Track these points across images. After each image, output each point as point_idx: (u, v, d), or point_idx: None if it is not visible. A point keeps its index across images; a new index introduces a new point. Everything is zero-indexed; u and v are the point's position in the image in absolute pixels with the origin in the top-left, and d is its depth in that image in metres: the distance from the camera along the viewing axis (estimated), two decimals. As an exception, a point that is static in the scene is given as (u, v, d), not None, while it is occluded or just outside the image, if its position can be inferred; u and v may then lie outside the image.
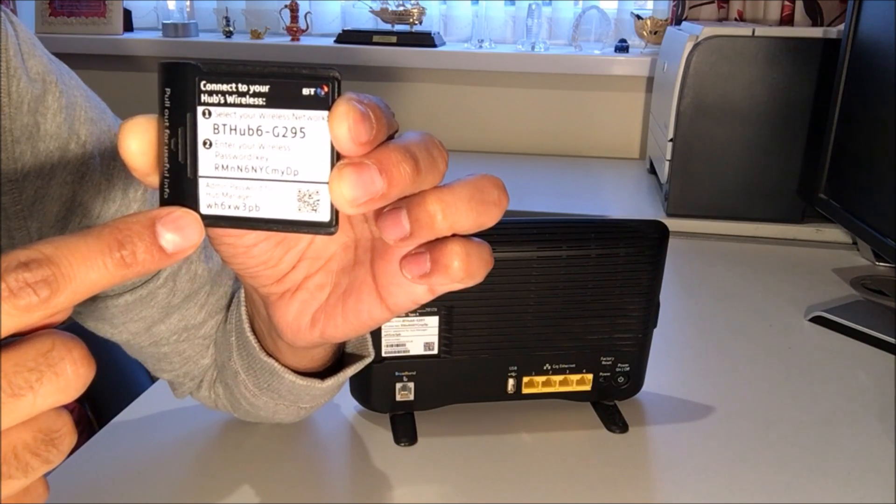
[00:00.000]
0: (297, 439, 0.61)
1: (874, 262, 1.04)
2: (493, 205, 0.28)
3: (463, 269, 0.28)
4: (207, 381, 0.57)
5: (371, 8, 1.64)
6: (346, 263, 0.34)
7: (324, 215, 0.27)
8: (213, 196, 0.27)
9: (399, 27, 1.60)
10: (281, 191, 0.27)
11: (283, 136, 0.26)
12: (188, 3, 1.75)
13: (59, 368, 0.22)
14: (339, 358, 0.51)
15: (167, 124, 0.26)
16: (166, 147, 0.26)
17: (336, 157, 0.26)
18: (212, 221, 0.27)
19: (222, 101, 0.26)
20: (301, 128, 0.26)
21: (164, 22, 1.69)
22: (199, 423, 0.62)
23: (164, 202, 0.26)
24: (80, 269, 0.23)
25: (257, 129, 0.26)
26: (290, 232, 0.27)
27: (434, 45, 1.57)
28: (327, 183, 0.26)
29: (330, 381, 0.49)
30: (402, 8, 1.60)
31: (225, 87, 0.26)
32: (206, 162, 0.26)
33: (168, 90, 0.26)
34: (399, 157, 0.26)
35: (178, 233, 0.25)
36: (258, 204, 0.27)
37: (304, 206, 0.27)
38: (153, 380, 0.69)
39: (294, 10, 1.65)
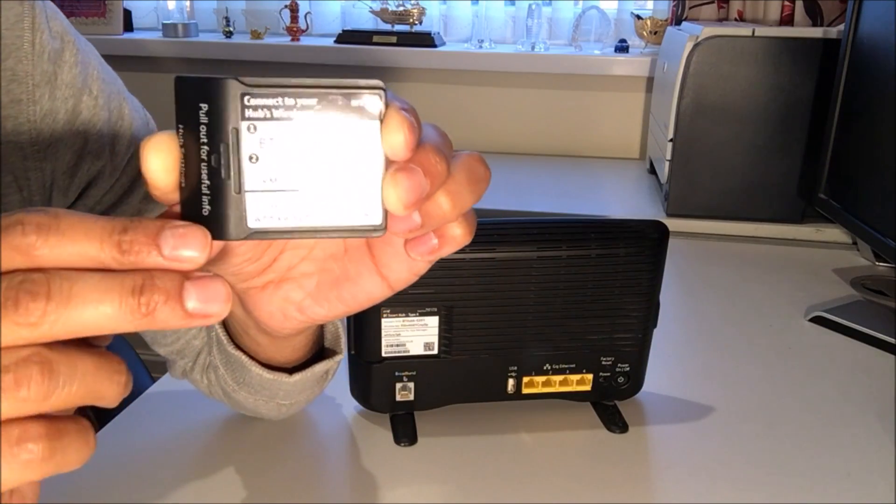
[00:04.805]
0: (297, 439, 0.61)
1: (874, 262, 1.04)
2: (483, 181, 0.30)
3: (464, 233, 0.30)
4: (200, 364, 0.58)
5: (371, 8, 1.64)
6: (334, 250, 0.35)
7: (375, 218, 0.28)
8: (262, 209, 0.27)
9: (399, 27, 1.60)
10: (332, 199, 0.27)
11: (333, 146, 0.27)
12: (188, 3, 1.75)
13: None
14: (319, 352, 0.52)
15: (204, 141, 0.26)
16: (205, 164, 0.26)
17: (385, 162, 0.27)
18: (261, 235, 0.27)
19: (268, 116, 0.26)
20: (350, 138, 0.27)
21: (164, 22, 1.69)
22: (198, 422, 0.62)
23: (202, 219, 0.26)
24: (75, 233, 0.23)
25: (306, 142, 0.26)
26: (341, 237, 0.28)
27: (434, 45, 1.57)
28: (379, 188, 0.27)
29: (298, 377, 0.49)
30: (402, 8, 1.60)
31: (271, 102, 0.26)
32: (253, 176, 0.26)
33: (204, 106, 0.25)
34: (436, 157, 0.27)
35: (179, 240, 0.24)
36: (309, 213, 0.27)
37: (357, 211, 0.28)
38: (153, 380, 0.69)
39: (294, 10, 1.65)
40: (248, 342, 0.48)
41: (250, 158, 0.26)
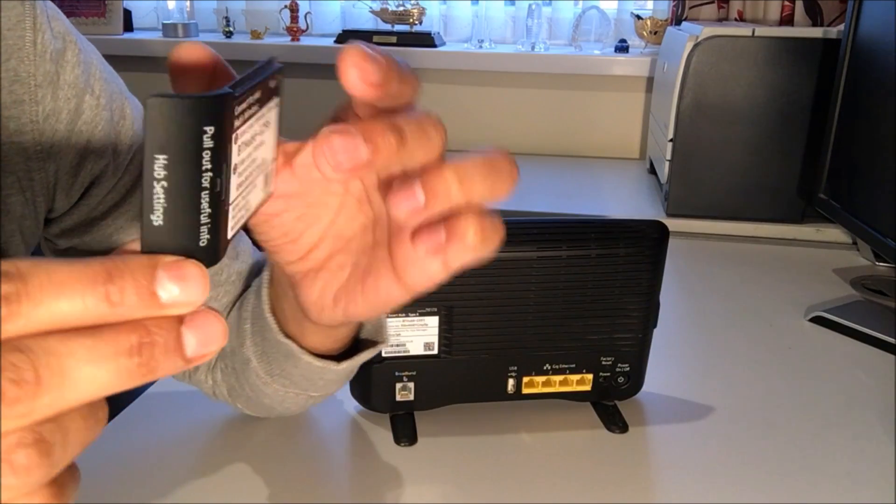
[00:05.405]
0: (298, 439, 0.61)
1: (874, 262, 1.04)
2: (506, 176, 0.29)
3: (479, 238, 0.28)
4: (205, 365, 0.57)
5: (371, 8, 1.64)
6: (365, 244, 0.35)
7: (271, 186, 0.29)
8: (234, 217, 0.25)
9: (399, 27, 1.60)
10: (258, 183, 0.27)
11: (262, 133, 0.26)
12: (188, 3, 1.75)
13: None
14: (356, 342, 0.52)
15: (207, 167, 0.22)
16: (206, 192, 0.22)
17: (277, 132, 0.28)
18: (229, 242, 0.25)
19: (242, 121, 0.24)
20: (268, 120, 0.27)
21: (164, 22, 1.69)
22: (199, 422, 0.62)
23: (198, 251, 0.23)
24: (50, 294, 0.20)
25: (254, 136, 0.26)
26: (254, 215, 0.28)
27: (434, 45, 1.57)
28: (274, 159, 0.28)
29: (345, 364, 0.49)
30: (402, 8, 1.60)
31: (244, 105, 0.24)
32: (234, 186, 0.24)
33: (210, 129, 0.22)
34: (384, 127, 0.26)
35: (179, 283, 0.22)
36: (250, 203, 0.27)
37: (266, 186, 0.28)
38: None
39: (294, 10, 1.65)
40: (294, 328, 0.47)
41: (234, 169, 0.24)
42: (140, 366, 0.21)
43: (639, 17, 1.52)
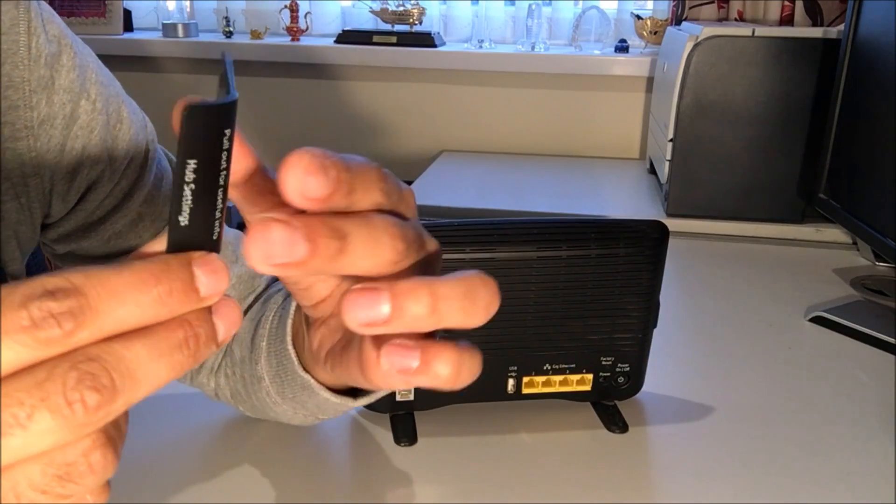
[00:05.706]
0: (298, 439, 0.61)
1: (874, 262, 1.04)
2: (483, 308, 0.26)
3: (451, 378, 0.26)
4: (207, 368, 0.57)
5: (371, 8, 1.64)
6: None
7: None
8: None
9: (399, 27, 1.60)
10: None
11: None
12: (188, 3, 1.75)
13: (53, 403, 0.20)
14: None
15: (224, 166, 0.23)
16: (221, 189, 0.24)
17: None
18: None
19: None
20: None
21: (164, 22, 1.69)
22: (200, 423, 0.62)
23: (212, 244, 0.24)
24: (109, 303, 0.21)
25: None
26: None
27: (434, 45, 1.57)
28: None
29: (361, 400, 0.47)
30: (402, 8, 1.60)
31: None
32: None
33: (228, 131, 0.23)
34: (329, 228, 0.23)
35: (211, 276, 0.23)
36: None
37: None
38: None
39: (294, 10, 1.65)
40: (309, 360, 0.45)
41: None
42: (188, 357, 0.23)
43: (639, 17, 1.52)
